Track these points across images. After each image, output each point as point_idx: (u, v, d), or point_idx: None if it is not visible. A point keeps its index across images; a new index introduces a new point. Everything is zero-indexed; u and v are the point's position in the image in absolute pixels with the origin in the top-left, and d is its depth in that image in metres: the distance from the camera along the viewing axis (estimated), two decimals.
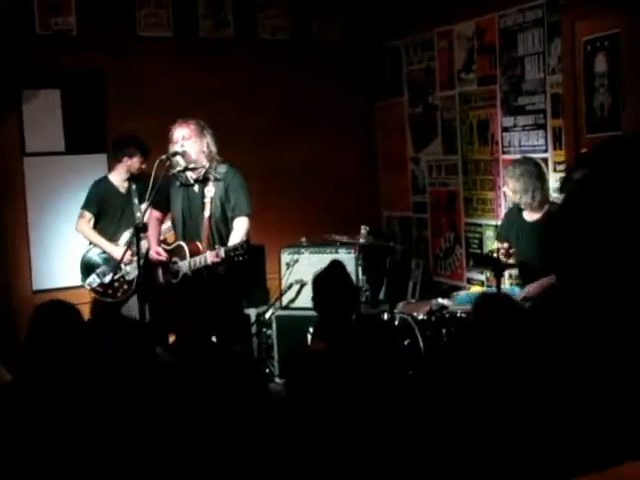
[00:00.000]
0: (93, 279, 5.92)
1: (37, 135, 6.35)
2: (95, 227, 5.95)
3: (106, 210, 5.97)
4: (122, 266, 5.80)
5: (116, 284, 5.89)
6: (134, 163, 5.93)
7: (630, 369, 2.17)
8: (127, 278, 5.88)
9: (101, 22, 6.39)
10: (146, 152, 5.89)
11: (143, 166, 5.91)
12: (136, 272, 5.65)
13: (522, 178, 5.00)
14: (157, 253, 5.16)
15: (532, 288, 4.90)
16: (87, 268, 5.97)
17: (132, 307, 5.69)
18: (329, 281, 3.83)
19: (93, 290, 5.94)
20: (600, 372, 2.30)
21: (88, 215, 5.93)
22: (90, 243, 5.96)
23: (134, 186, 5.99)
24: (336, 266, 3.91)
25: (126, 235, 5.89)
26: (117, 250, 5.82)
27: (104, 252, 5.91)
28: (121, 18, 6.52)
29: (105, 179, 6.05)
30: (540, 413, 2.75)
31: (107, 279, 5.84)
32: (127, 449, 2.69)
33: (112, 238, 5.92)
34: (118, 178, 6.01)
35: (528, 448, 2.67)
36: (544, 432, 2.69)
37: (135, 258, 5.49)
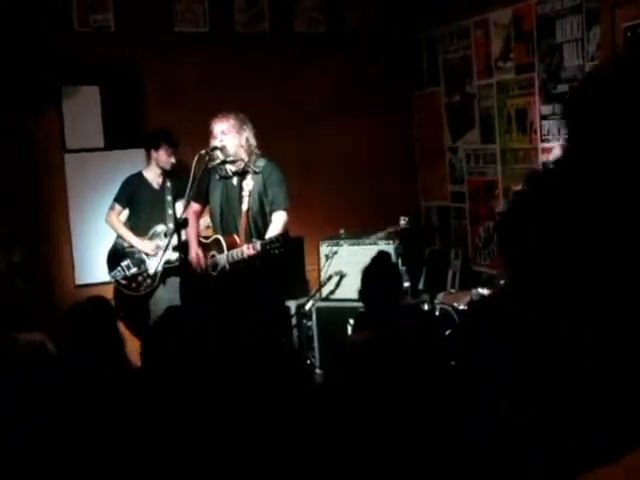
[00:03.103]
0: (117, 272, 5.98)
1: (77, 131, 6.42)
2: (127, 221, 6.03)
3: (137, 205, 6.03)
4: (146, 260, 5.87)
5: (139, 278, 5.94)
6: (161, 156, 5.96)
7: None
8: (150, 272, 5.92)
9: (138, 18, 6.46)
10: (173, 144, 5.92)
11: (172, 159, 5.94)
12: (159, 267, 5.72)
13: None
14: (197, 257, 5.20)
15: None
16: (115, 257, 6.03)
17: (158, 301, 5.73)
18: (372, 271, 3.83)
19: (117, 283, 6.01)
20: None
21: (118, 208, 6.02)
22: (118, 236, 6.03)
23: (169, 183, 6.02)
24: (381, 257, 3.90)
25: (155, 229, 5.94)
26: (142, 244, 5.89)
27: (131, 246, 5.97)
28: (158, 14, 6.57)
29: (139, 174, 6.11)
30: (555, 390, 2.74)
31: (131, 272, 5.91)
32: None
33: (142, 233, 5.97)
34: (152, 173, 6.07)
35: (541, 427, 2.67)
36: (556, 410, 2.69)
37: (160, 252, 5.58)
